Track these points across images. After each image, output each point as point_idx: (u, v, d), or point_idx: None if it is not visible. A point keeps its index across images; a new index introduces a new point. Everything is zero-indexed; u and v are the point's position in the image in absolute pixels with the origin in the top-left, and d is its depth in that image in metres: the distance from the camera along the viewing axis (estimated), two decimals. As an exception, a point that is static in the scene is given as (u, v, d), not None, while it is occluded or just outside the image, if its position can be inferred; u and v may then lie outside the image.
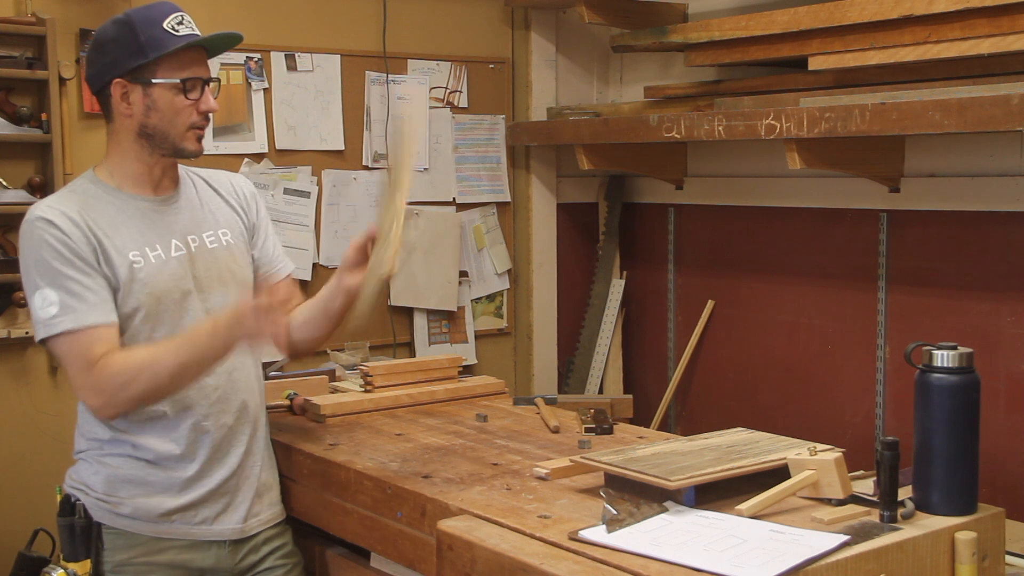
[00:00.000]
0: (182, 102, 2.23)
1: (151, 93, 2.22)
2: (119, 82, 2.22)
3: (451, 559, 1.88)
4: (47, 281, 2.14)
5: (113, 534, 2.26)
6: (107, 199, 2.26)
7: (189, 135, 2.27)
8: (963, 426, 1.87)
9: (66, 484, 2.34)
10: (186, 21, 2.25)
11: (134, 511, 2.25)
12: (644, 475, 1.91)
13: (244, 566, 2.35)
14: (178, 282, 2.27)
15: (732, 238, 3.86)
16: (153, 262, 2.25)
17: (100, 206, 2.24)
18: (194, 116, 2.25)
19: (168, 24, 2.21)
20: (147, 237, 2.26)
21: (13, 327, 3.21)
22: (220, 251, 2.37)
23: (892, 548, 1.74)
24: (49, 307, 2.13)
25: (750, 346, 3.79)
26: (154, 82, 2.21)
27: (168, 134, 2.25)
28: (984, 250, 3.09)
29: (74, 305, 2.14)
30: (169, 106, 2.23)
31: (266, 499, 2.41)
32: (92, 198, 2.25)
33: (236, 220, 2.46)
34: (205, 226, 2.37)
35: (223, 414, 2.32)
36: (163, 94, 2.22)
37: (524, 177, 4.20)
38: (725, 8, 3.77)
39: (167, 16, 2.22)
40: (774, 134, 3.05)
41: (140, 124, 2.25)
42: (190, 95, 2.24)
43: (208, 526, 2.30)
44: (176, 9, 2.25)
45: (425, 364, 3.03)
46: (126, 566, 2.26)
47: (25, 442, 3.25)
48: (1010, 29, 2.66)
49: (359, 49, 3.81)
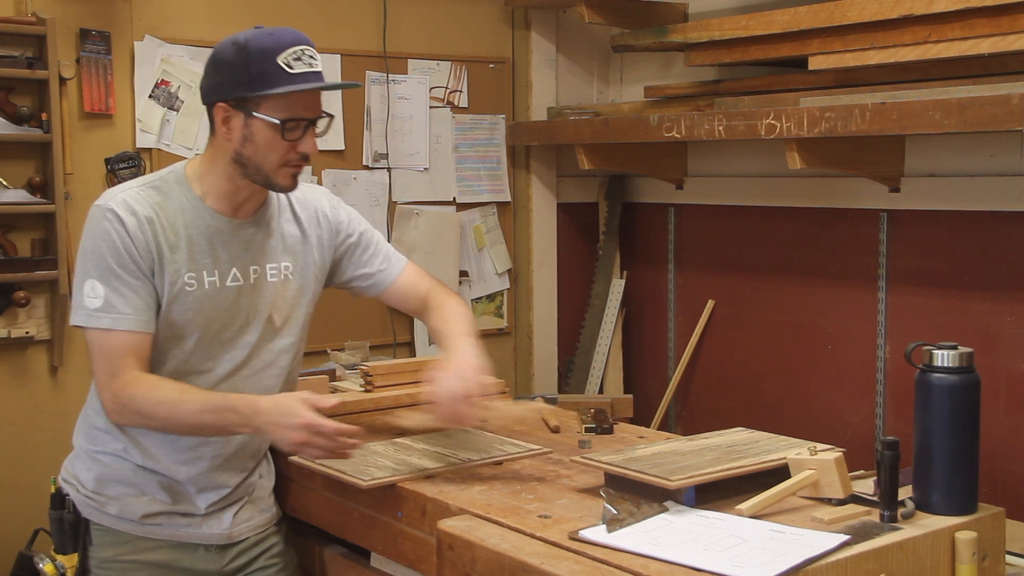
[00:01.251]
0: (280, 141, 2.14)
1: (251, 125, 2.13)
2: (222, 106, 2.15)
3: (451, 559, 1.88)
4: (98, 274, 2.13)
5: (100, 531, 2.26)
6: (186, 207, 2.20)
7: (283, 172, 2.18)
8: (963, 426, 1.87)
9: (61, 475, 2.34)
10: (305, 57, 2.14)
11: (120, 510, 2.25)
12: (644, 475, 1.91)
13: (232, 568, 2.33)
14: (222, 313, 2.22)
15: (732, 238, 3.86)
16: (206, 288, 2.20)
17: (175, 214, 2.19)
18: (290, 155, 2.16)
19: (283, 59, 2.12)
20: (208, 260, 2.21)
21: (13, 327, 3.21)
22: (277, 285, 2.30)
23: (892, 548, 1.74)
24: (94, 299, 2.12)
25: (750, 346, 3.79)
26: (255, 115, 2.12)
27: (261, 168, 2.17)
28: (984, 250, 3.09)
29: (117, 306, 2.12)
30: (266, 142, 2.14)
31: (259, 505, 2.39)
32: (172, 203, 2.20)
33: (307, 252, 2.37)
34: (271, 256, 2.30)
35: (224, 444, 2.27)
36: (263, 129, 2.13)
37: (524, 177, 4.20)
38: (725, 8, 3.77)
39: (285, 50, 2.12)
40: (774, 134, 3.05)
41: (236, 151, 2.17)
42: (288, 135, 2.14)
43: (195, 529, 2.29)
44: (298, 41, 2.15)
45: (425, 364, 3.02)
46: (112, 562, 2.25)
47: (25, 442, 3.25)
48: (1010, 29, 2.66)
49: (359, 49, 3.81)
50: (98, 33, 3.30)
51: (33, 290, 3.23)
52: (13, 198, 3.15)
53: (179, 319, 2.18)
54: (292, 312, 2.34)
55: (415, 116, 3.94)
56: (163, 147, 3.44)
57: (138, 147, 3.41)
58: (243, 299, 2.25)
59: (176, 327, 2.19)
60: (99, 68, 3.32)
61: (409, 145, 3.93)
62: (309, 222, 2.38)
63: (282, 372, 2.34)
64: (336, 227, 2.43)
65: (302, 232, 2.36)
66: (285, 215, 2.35)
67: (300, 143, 2.16)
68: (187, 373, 2.21)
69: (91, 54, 3.29)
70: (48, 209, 3.17)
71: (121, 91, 3.38)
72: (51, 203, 3.17)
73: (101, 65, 3.32)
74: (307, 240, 2.37)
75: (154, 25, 3.44)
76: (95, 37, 3.30)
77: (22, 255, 3.21)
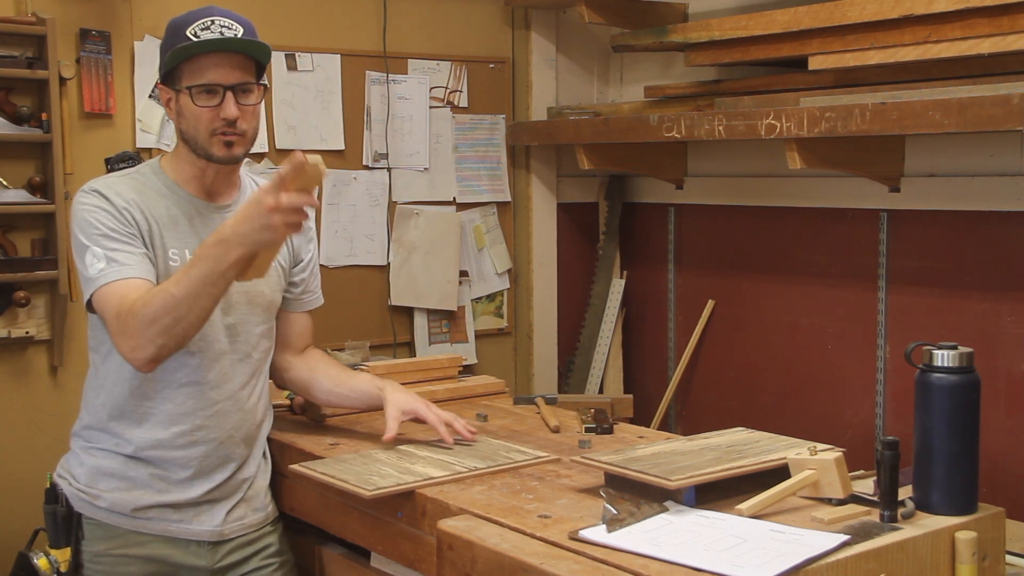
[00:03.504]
0: (198, 109, 2.22)
1: (179, 99, 2.25)
2: (160, 86, 2.29)
3: (451, 559, 1.88)
4: (94, 242, 2.17)
5: (92, 525, 2.28)
6: (164, 192, 2.30)
7: (214, 141, 2.24)
8: (963, 426, 1.87)
9: (56, 470, 2.37)
10: (215, 26, 2.20)
11: (112, 504, 2.27)
12: (644, 475, 1.91)
13: (224, 565, 2.35)
14: None
15: (732, 238, 3.86)
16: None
17: (156, 198, 2.28)
18: (216, 122, 2.23)
19: (192, 30, 2.20)
20: (190, 239, 2.27)
21: (13, 327, 3.21)
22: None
23: (892, 548, 1.74)
24: (97, 262, 2.16)
25: (750, 346, 3.79)
26: (176, 89, 2.24)
27: (197, 140, 2.25)
28: (984, 250, 3.09)
29: (120, 260, 2.16)
30: (192, 113, 2.23)
31: (253, 503, 2.40)
32: (150, 188, 2.29)
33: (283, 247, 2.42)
34: None
35: (217, 429, 2.31)
36: (186, 101, 2.23)
37: (524, 177, 4.20)
38: (725, 8, 3.77)
39: (194, 22, 2.21)
40: (774, 134, 3.05)
41: (178, 129, 2.29)
42: (200, 101, 2.21)
43: (187, 525, 2.30)
44: (209, 13, 2.22)
45: (425, 364, 3.03)
46: (104, 556, 2.27)
47: (25, 442, 3.25)
48: (1010, 29, 2.66)
49: (359, 49, 3.81)
50: (98, 33, 3.30)
51: (33, 290, 3.23)
52: (13, 198, 3.15)
53: None
54: (272, 297, 2.43)
55: (415, 116, 3.93)
56: (163, 147, 3.44)
57: (138, 147, 3.41)
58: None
59: None
60: (99, 68, 3.32)
61: (409, 145, 3.93)
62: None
63: (265, 357, 2.43)
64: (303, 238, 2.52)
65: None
66: None
67: (221, 108, 2.22)
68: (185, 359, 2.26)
69: (91, 54, 3.29)
70: (48, 209, 3.17)
71: (121, 91, 3.38)
72: (51, 203, 3.17)
73: (101, 65, 3.32)
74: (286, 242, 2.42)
75: (154, 25, 3.43)
76: (95, 37, 3.30)
77: (22, 255, 3.21)
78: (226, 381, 2.32)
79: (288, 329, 2.55)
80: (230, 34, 2.21)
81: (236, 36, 2.21)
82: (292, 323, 2.56)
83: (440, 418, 2.39)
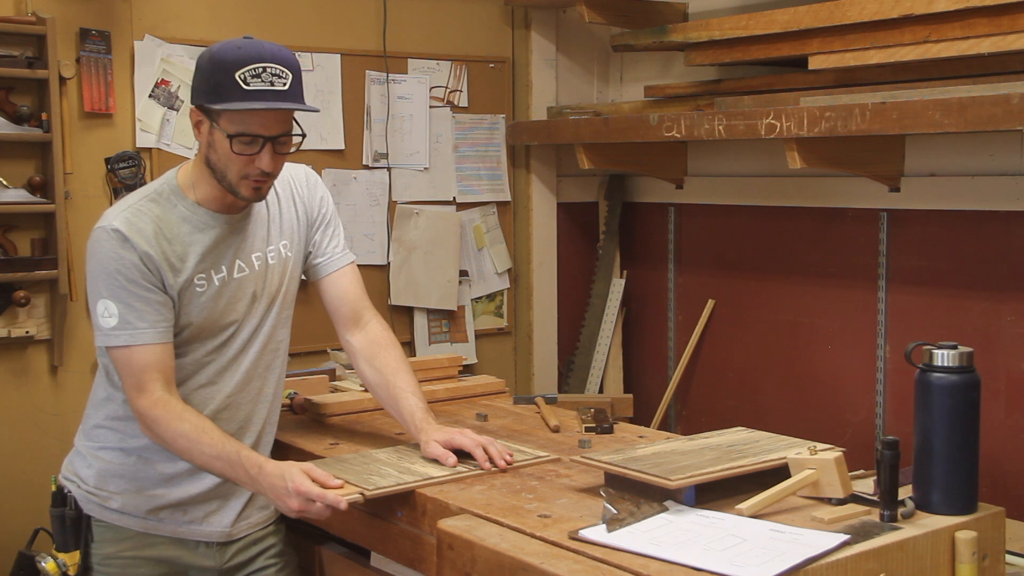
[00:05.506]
0: (234, 155, 2.16)
1: (213, 133, 2.17)
2: (193, 109, 2.19)
3: (451, 558, 1.88)
4: (110, 293, 2.15)
5: (102, 527, 2.27)
6: (185, 215, 2.24)
7: (244, 184, 2.19)
8: (963, 426, 1.87)
9: (61, 473, 2.36)
10: (265, 74, 2.12)
11: (123, 505, 2.27)
12: (644, 474, 1.91)
13: (232, 565, 2.35)
14: (234, 304, 2.28)
15: (732, 238, 3.86)
16: (216, 285, 2.24)
17: (176, 222, 2.22)
18: (249, 169, 2.17)
19: (241, 75, 2.11)
20: (216, 258, 2.25)
21: (13, 327, 3.21)
22: (278, 267, 2.36)
23: (892, 547, 1.74)
24: (109, 318, 2.15)
25: (750, 346, 3.79)
26: (214, 125, 2.16)
27: (225, 175, 2.20)
28: (984, 250, 3.09)
29: (133, 321, 2.14)
30: (225, 153, 2.16)
31: (258, 502, 2.40)
32: (170, 212, 2.22)
33: (296, 224, 2.41)
34: (271, 240, 2.35)
35: (226, 422, 2.31)
36: (221, 140, 2.16)
37: (524, 176, 4.20)
38: (725, 7, 3.77)
39: (244, 65, 2.11)
40: (774, 133, 3.05)
41: (205, 155, 2.22)
42: (238, 149, 2.15)
43: (197, 526, 2.31)
44: (262, 58, 2.12)
45: (425, 363, 3.03)
46: (114, 559, 2.27)
47: (25, 441, 3.25)
48: (1010, 29, 2.66)
49: (359, 48, 3.81)
50: (98, 33, 3.30)
51: (33, 290, 3.23)
52: (13, 198, 3.15)
53: (195, 319, 2.23)
54: (290, 286, 2.42)
55: (415, 116, 3.94)
56: (163, 147, 3.44)
57: (138, 147, 3.41)
58: (249, 285, 2.30)
59: (187, 324, 2.23)
60: (99, 68, 3.32)
61: (409, 145, 3.93)
62: (292, 200, 2.43)
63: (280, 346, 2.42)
64: (312, 202, 2.47)
65: (293, 203, 2.41)
66: (277, 195, 2.40)
67: (257, 159, 2.16)
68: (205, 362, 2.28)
69: (91, 54, 3.29)
70: (48, 209, 3.17)
71: (121, 91, 3.38)
72: (51, 203, 3.17)
73: (101, 65, 3.32)
74: (295, 207, 2.42)
75: (154, 25, 3.44)
76: (95, 37, 3.30)
77: (22, 255, 3.21)
78: (239, 378, 2.32)
79: (328, 297, 2.49)
80: (280, 84, 2.14)
81: (285, 87, 2.15)
82: (327, 289, 2.48)
83: (476, 441, 2.30)
